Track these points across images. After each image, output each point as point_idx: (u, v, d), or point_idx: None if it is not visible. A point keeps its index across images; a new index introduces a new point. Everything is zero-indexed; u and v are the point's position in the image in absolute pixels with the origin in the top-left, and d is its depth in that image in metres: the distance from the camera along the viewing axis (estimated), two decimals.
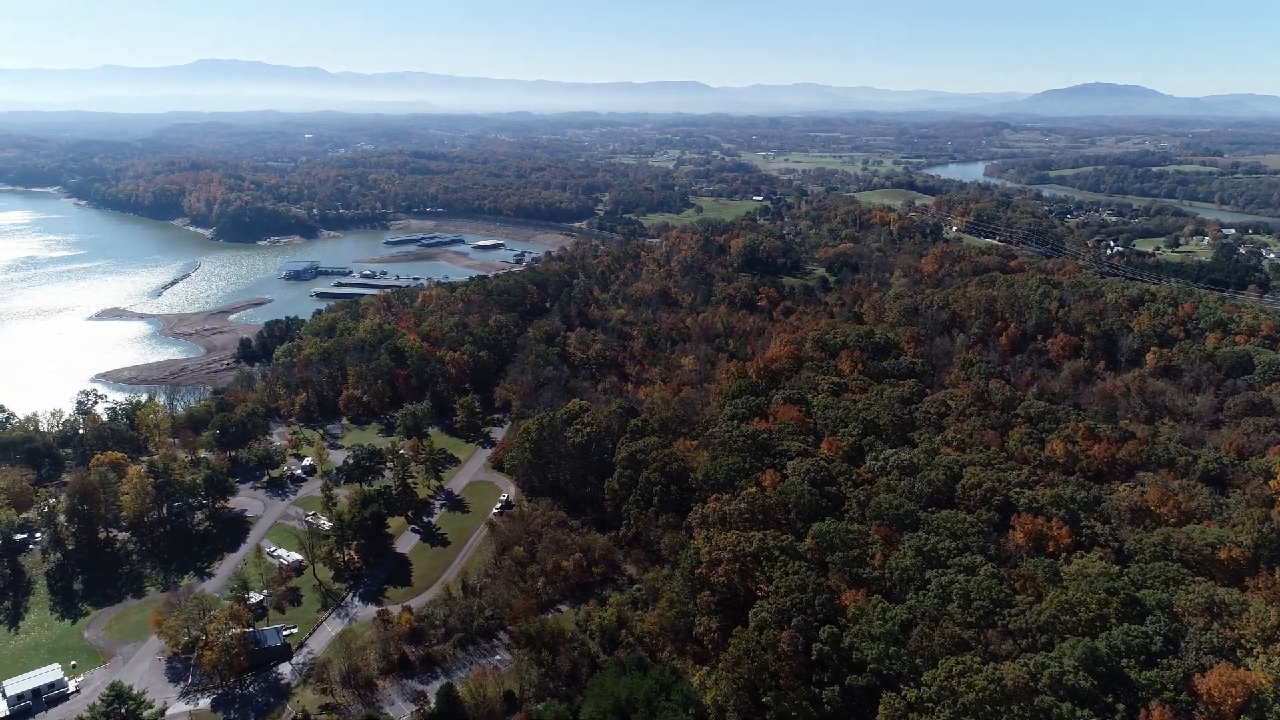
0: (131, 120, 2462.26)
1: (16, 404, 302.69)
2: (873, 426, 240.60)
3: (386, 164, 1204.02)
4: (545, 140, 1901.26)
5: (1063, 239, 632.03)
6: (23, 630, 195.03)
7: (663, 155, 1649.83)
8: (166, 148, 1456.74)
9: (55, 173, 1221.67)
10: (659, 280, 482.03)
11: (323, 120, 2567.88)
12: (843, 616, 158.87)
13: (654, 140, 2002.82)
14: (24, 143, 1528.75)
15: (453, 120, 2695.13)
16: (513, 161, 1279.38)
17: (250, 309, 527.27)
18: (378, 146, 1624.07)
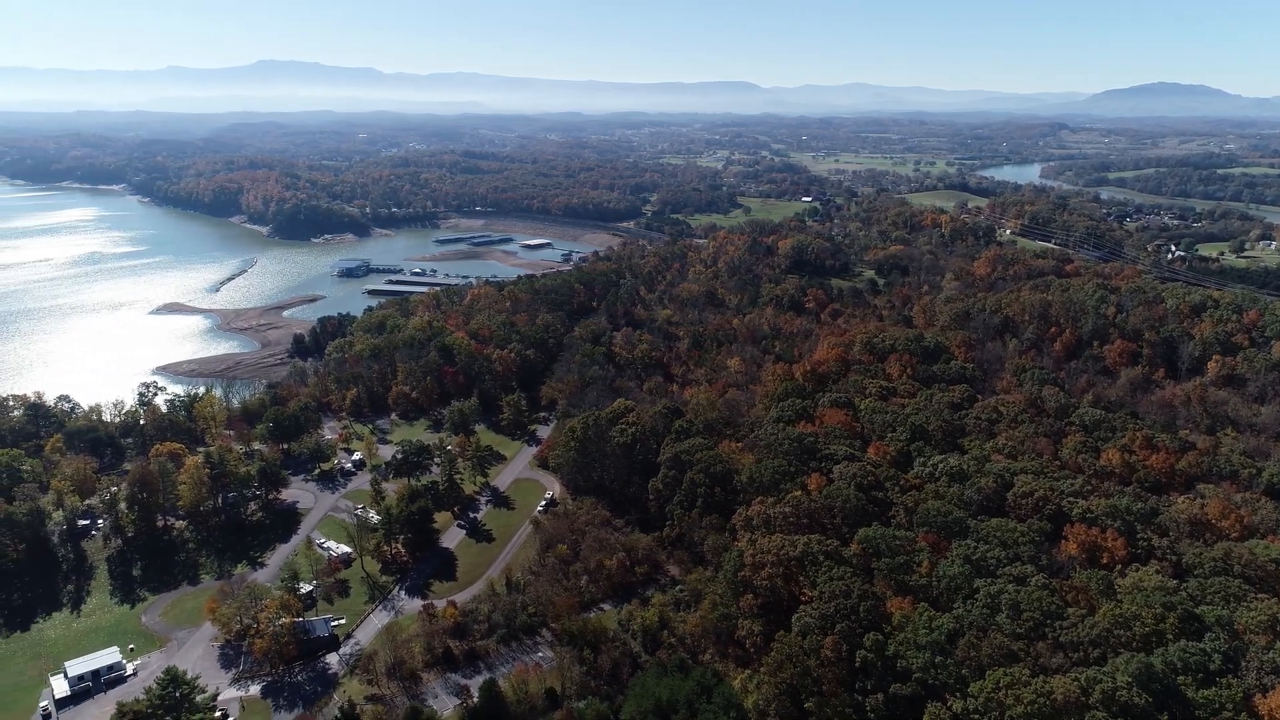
0: (193, 120, 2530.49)
1: (82, 394, 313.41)
2: (921, 432, 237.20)
3: (438, 163, 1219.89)
4: (594, 140, 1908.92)
5: (1121, 243, 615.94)
6: (84, 613, 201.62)
7: (711, 155, 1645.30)
8: (226, 147, 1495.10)
9: (121, 171, 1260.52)
10: (705, 281, 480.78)
11: (376, 120, 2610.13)
12: (888, 624, 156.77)
13: (703, 140, 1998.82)
14: (92, 142, 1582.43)
15: (503, 120, 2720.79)
16: (561, 161, 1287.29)
17: (304, 305, 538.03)
18: (429, 146, 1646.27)
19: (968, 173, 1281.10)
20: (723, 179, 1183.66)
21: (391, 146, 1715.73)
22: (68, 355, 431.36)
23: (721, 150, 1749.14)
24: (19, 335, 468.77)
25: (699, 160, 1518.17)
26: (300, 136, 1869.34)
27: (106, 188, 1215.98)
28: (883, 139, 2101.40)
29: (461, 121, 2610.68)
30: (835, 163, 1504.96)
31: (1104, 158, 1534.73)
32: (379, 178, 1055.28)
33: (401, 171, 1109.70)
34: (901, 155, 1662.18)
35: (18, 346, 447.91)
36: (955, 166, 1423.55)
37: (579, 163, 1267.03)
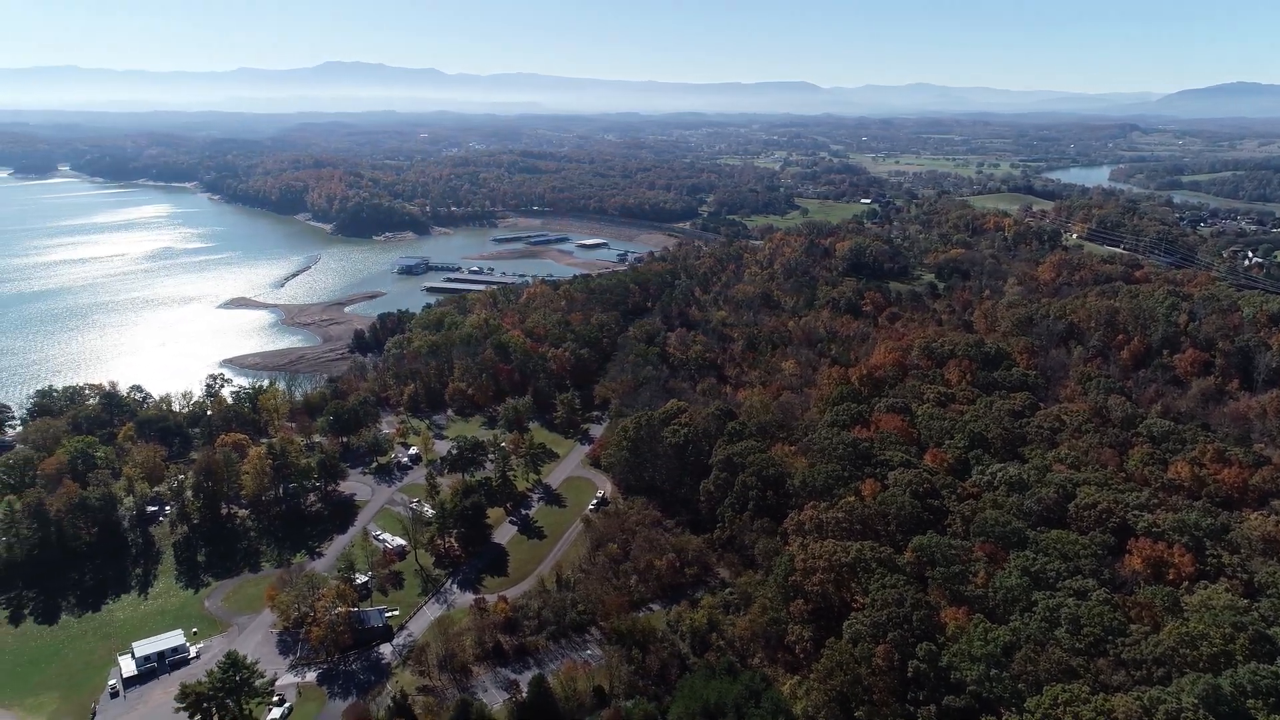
0: (262, 120, 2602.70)
1: (153, 385, 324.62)
2: (980, 439, 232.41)
3: (496, 163, 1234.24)
4: (651, 141, 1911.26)
5: (1194, 248, 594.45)
6: (151, 596, 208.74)
7: (769, 156, 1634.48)
8: (292, 146, 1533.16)
9: (192, 169, 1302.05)
10: (761, 282, 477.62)
11: (437, 120, 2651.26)
12: (941, 634, 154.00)
13: (760, 141, 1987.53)
14: (166, 141, 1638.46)
15: (561, 121, 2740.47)
16: (618, 162, 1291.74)
17: (365, 301, 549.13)
18: (488, 146, 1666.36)
19: (1033, 175, 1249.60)
20: (780, 180, 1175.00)
21: (452, 146, 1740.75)
22: (140, 347, 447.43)
23: (779, 151, 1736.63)
24: (96, 327, 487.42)
25: (756, 161, 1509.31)
26: (364, 136, 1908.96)
27: (179, 185, 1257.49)
28: (945, 140, 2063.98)
29: (520, 122, 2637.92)
30: (895, 164, 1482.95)
31: (1177, 160, 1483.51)
32: (439, 177, 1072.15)
33: (461, 171, 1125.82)
34: (964, 157, 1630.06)
35: (94, 338, 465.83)
36: (1020, 169, 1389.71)
37: (636, 163, 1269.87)
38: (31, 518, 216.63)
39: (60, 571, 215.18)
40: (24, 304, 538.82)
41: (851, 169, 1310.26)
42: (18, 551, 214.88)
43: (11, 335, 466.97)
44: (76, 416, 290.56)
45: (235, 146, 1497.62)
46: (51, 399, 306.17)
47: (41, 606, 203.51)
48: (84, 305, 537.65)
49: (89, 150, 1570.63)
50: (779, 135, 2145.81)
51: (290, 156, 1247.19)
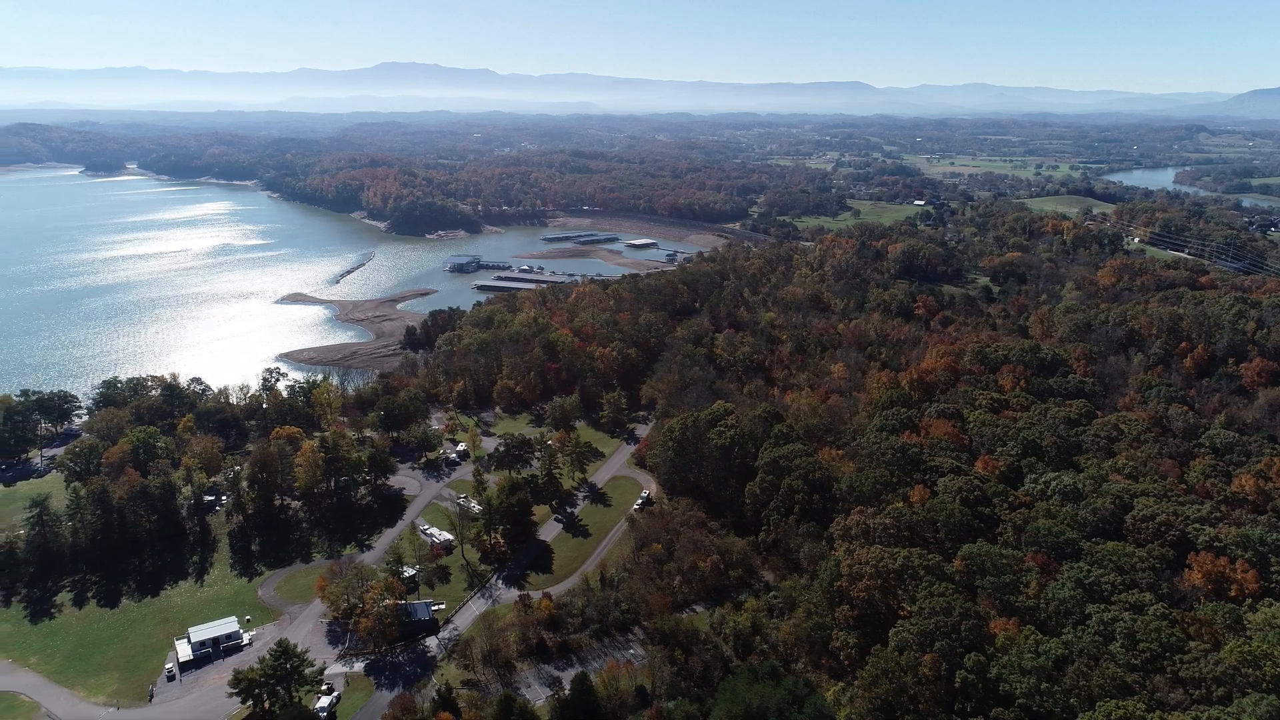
0: (320, 120, 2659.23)
1: (211, 377, 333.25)
2: (1034, 447, 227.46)
3: (548, 163, 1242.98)
4: (702, 141, 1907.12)
5: (1264, 254, 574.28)
6: (207, 584, 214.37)
7: (821, 157, 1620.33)
8: (349, 145, 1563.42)
9: (253, 167, 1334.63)
10: (811, 284, 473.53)
11: (490, 120, 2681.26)
12: (990, 645, 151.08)
13: (812, 142, 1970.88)
14: (228, 140, 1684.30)
15: (613, 121, 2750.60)
16: (669, 162, 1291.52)
17: (416, 298, 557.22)
18: (540, 146, 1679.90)
19: (1093, 177, 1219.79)
20: (832, 181, 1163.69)
21: (504, 146, 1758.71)
22: (200, 341, 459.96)
23: (831, 152, 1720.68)
24: (158, 321, 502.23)
25: (808, 162, 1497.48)
26: (418, 135, 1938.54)
27: (240, 183, 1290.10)
28: (1002, 141, 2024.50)
29: (572, 122, 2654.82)
30: (950, 165, 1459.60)
31: (1247, 163, 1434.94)
32: (491, 176, 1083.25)
33: (513, 170, 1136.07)
34: (1022, 158, 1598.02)
35: (157, 331, 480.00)
36: (1080, 171, 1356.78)
37: (686, 163, 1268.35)
38: (96, 504, 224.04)
39: (121, 557, 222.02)
40: (91, 297, 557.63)
41: (905, 170, 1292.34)
42: (82, 536, 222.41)
43: (79, 328, 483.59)
44: (139, 407, 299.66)
45: (294, 146, 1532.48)
46: (116, 390, 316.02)
47: (104, 590, 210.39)
48: (147, 299, 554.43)
49: (155, 149, 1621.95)
50: (831, 136, 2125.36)
51: (347, 155, 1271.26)
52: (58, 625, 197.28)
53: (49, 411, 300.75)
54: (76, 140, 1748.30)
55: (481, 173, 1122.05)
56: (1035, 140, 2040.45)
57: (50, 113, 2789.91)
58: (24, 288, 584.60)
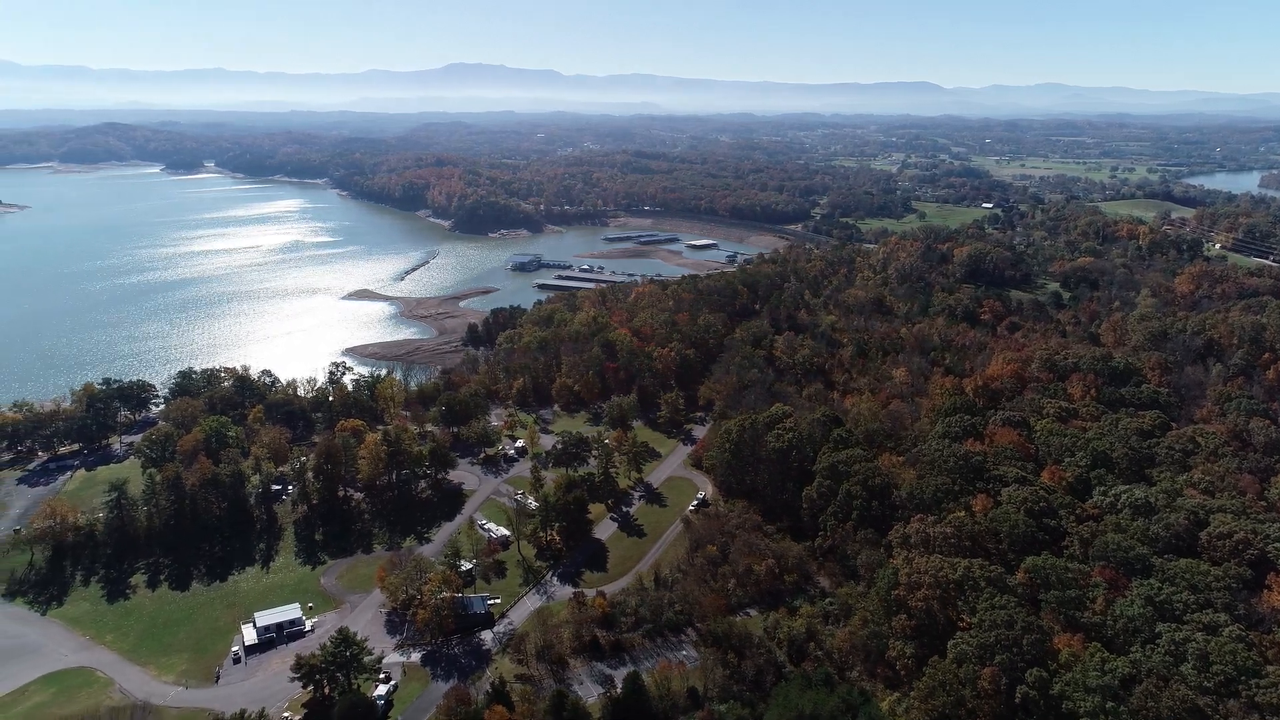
0: (388, 120, 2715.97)
1: (280, 370, 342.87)
2: (1104, 458, 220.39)
3: (610, 163, 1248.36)
4: (765, 142, 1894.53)
5: None
6: (273, 570, 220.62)
7: (886, 158, 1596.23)
8: (415, 145, 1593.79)
9: (323, 166, 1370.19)
10: (873, 287, 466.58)
11: (554, 120, 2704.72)
12: (1054, 661, 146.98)
13: (878, 143, 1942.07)
14: (300, 139, 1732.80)
15: (675, 121, 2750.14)
16: (731, 162, 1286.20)
17: (478, 296, 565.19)
18: (603, 146, 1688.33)
19: (1172, 180, 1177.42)
20: (897, 182, 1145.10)
21: (567, 146, 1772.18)
22: (270, 334, 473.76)
23: (897, 153, 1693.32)
24: (231, 314, 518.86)
25: (872, 163, 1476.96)
26: (483, 135, 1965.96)
27: (311, 182, 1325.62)
28: (1076, 142, 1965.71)
29: (635, 122, 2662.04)
30: (1021, 167, 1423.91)
31: None
32: (553, 176, 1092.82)
33: (575, 170, 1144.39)
34: (1096, 160, 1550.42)
35: (229, 324, 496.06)
36: (1158, 173, 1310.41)
37: (749, 164, 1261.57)
38: (170, 490, 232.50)
39: (192, 542, 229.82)
40: (168, 291, 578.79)
41: (973, 172, 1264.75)
42: (156, 521, 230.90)
43: (157, 320, 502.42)
44: (212, 397, 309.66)
45: (363, 145, 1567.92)
46: (190, 380, 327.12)
47: (175, 573, 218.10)
48: (220, 294, 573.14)
49: (231, 148, 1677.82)
50: (897, 137, 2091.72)
51: (413, 155, 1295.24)
52: (132, 606, 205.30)
53: (128, 400, 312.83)
54: (158, 140, 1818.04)
55: (544, 172, 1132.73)
56: (1111, 142, 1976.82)
57: (134, 113, 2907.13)
58: (106, 281, 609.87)
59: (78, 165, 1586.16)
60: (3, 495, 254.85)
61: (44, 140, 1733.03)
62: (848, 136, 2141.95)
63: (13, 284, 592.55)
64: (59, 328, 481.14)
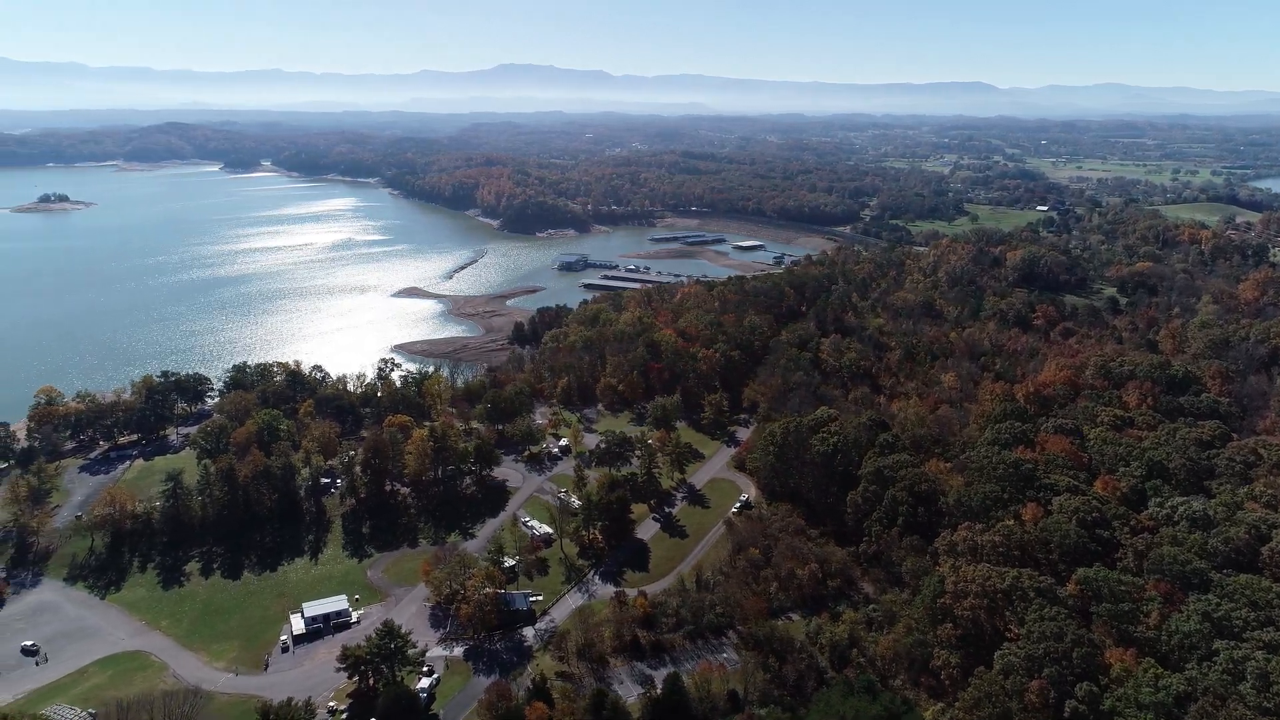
0: (439, 120, 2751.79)
1: (331, 365, 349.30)
2: (1160, 469, 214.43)
3: (657, 163, 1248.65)
4: (814, 142, 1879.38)
5: None
6: (321, 562, 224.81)
7: (938, 160, 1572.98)
8: (466, 145, 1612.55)
9: (376, 165, 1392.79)
10: (923, 290, 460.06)
11: (602, 121, 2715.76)
12: (1105, 675, 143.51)
13: (929, 144, 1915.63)
14: (354, 139, 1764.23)
15: (724, 121, 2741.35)
16: (779, 163, 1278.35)
17: (525, 295, 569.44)
18: (651, 146, 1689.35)
19: (1237, 183, 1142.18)
20: (949, 184, 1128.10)
21: (615, 146, 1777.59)
22: (321, 330, 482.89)
23: (949, 154, 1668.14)
24: (284, 311, 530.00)
25: (924, 164, 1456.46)
26: (532, 136, 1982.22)
27: (363, 180, 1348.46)
28: (1135, 144, 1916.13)
29: (683, 123, 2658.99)
30: (1077, 169, 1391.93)
31: None
32: (601, 176, 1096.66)
33: (622, 170, 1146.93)
34: (1157, 163, 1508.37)
35: (283, 320, 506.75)
36: (1222, 176, 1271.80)
37: (797, 164, 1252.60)
38: (223, 481, 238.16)
39: (244, 532, 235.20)
40: (224, 287, 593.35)
41: (1028, 174, 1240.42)
42: (210, 511, 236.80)
43: (213, 315, 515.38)
44: (265, 391, 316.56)
45: (414, 145, 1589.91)
46: (245, 374, 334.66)
47: (227, 562, 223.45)
48: (274, 290, 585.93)
49: (287, 147, 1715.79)
50: (950, 138, 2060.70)
51: (463, 155, 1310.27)
52: (186, 593, 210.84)
53: (185, 392, 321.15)
54: (218, 139, 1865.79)
55: (592, 172, 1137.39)
56: (1173, 143, 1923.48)
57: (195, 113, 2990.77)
58: (165, 277, 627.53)
59: (141, 164, 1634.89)
60: (66, 483, 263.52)
61: (109, 139, 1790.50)
62: (899, 137, 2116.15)
63: (78, 278, 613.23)
64: (120, 321, 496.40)
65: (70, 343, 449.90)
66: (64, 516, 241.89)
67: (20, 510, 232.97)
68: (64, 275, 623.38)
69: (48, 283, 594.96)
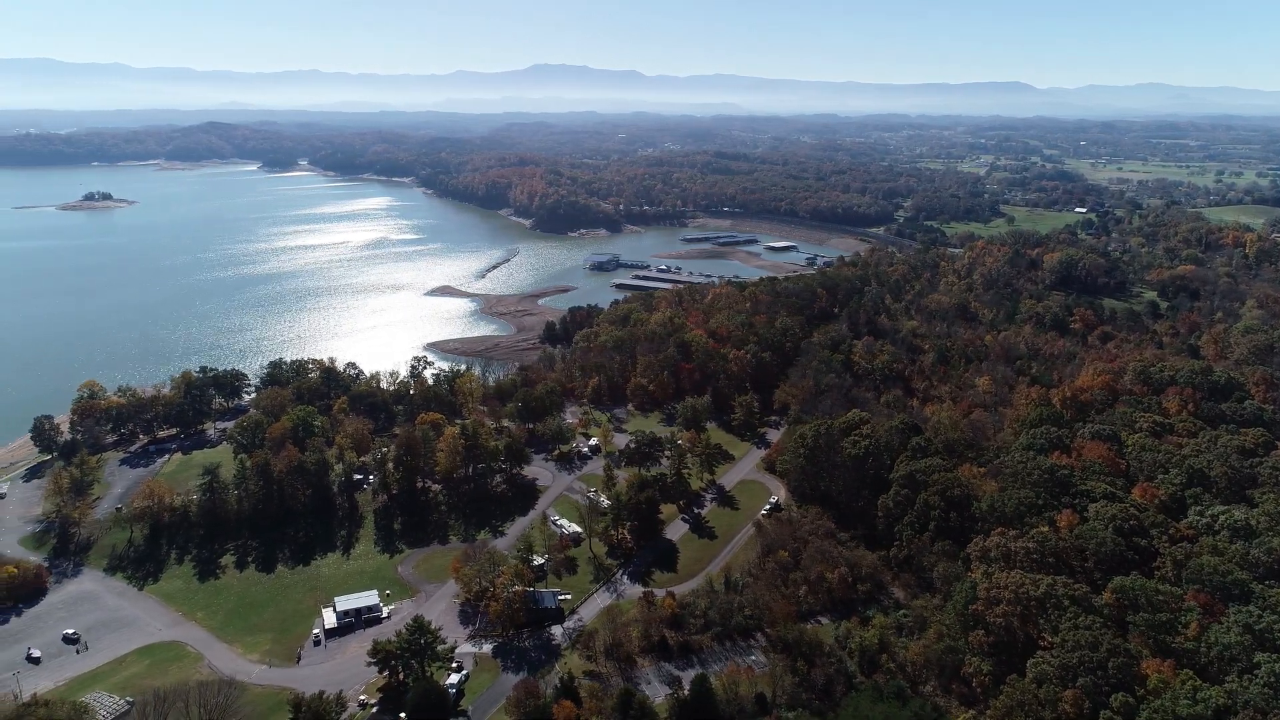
0: (473, 120, 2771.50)
1: (364, 363, 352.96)
2: (1200, 477, 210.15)
3: (690, 164, 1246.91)
4: (848, 143, 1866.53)
5: None
6: (353, 557, 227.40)
7: (974, 160, 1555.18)
8: (499, 145, 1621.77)
9: (410, 165, 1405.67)
10: (958, 293, 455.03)
11: (635, 121, 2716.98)
12: (1141, 686, 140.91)
13: (965, 144, 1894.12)
14: (389, 139, 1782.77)
15: (756, 122, 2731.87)
16: (812, 164, 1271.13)
17: (557, 295, 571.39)
18: (683, 147, 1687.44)
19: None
20: (985, 185, 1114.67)
21: (647, 146, 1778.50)
22: (357, 328, 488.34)
23: (986, 155, 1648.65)
24: (319, 308, 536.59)
25: (960, 165, 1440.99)
26: (565, 136, 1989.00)
27: (398, 180, 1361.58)
28: (1178, 145, 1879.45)
29: (716, 123, 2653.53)
30: (1118, 171, 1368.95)
31: None
32: (633, 176, 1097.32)
33: (655, 171, 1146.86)
34: (1200, 164, 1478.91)
35: (318, 318, 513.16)
36: (1269, 178, 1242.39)
37: (830, 165, 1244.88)
38: (259, 475, 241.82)
39: (278, 526, 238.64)
40: (261, 285, 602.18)
41: (1066, 175, 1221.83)
42: (245, 505, 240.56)
43: (250, 312, 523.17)
44: (300, 387, 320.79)
45: (448, 145, 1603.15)
46: (280, 370, 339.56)
47: (262, 556, 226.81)
48: (310, 288, 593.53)
49: (324, 146, 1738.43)
50: (986, 138, 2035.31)
51: (497, 155, 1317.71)
52: (221, 585, 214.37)
53: (223, 387, 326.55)
54: (256, 139, 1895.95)
55: (624, 172, 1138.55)
56: (1217, 145, 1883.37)
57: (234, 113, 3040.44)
58: (204, 274, 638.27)
59: (181, 162, 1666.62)
60: (107, 475, 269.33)
61: (151, 139, 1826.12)
62: (934, 138, 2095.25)
63: (121, 274, 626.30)
64: (160, 317, 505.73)
65: (112, 338, 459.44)
66: (104, 508, 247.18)
67: (63, 501, 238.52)
68: (106, 272, 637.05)
69: (91, 279, 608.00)
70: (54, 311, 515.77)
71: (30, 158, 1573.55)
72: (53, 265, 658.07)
